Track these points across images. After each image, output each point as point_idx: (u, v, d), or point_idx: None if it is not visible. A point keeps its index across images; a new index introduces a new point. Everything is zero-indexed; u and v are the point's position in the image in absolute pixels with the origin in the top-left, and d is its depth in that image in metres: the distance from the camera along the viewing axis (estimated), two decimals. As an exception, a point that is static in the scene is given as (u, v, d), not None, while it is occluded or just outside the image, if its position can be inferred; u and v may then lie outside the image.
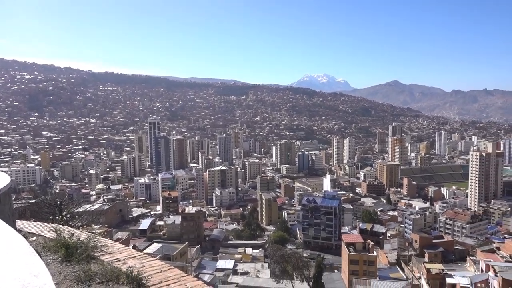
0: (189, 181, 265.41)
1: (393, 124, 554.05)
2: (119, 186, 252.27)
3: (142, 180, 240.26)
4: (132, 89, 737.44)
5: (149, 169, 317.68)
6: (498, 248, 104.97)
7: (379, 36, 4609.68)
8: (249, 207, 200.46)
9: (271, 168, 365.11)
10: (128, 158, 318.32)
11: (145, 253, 8.83)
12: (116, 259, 8.13)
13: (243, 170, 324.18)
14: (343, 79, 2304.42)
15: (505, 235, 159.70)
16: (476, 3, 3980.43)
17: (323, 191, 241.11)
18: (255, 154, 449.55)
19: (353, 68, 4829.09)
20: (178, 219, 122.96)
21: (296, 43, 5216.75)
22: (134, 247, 60.20)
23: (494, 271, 53.79)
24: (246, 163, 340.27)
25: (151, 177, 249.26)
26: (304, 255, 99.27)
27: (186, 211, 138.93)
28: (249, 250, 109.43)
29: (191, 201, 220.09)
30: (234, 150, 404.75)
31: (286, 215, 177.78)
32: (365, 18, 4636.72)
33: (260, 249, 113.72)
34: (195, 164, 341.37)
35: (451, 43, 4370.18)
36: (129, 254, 8.46)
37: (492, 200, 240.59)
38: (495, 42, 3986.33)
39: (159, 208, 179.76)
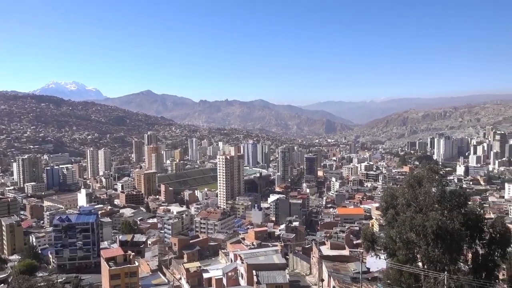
0: None
1: (149, 133, 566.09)
2: None
3: None
4: None
5: None
6: (244, 238, 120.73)
7: (129, 45, 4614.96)
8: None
9: (12, 188, 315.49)
10: None
11: None
12: None
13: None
14: (94, 88, 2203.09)
15: (248, 226, 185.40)
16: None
17: (78, 207, 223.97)
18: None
19: (105, 76, 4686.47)
20: None
21: (40, 46, 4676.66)
22: None
23: (241, 258, 61.21)
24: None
25: None
26: (59, 280, 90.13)
27: None
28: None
29: None
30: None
31: (34, 239, 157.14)
32: (110, 24, 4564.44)
33: (2, 284, 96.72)
34: None
35: (192, 55, 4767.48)
36: None
37: (237, 197, 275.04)
38: (229, 57, 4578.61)
39: None
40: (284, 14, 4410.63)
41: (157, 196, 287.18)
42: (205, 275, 70.64)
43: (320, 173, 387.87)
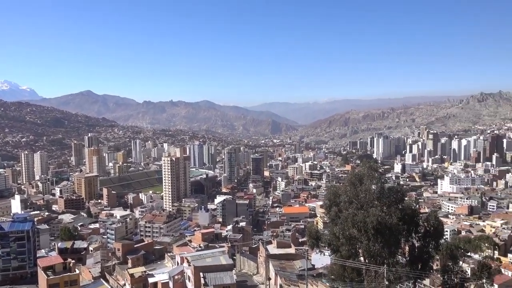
0: None
1: (89, 135, 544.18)
2: None
3: None
4: None
5: None
6: (190, 241, 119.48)
7: (67, 42, 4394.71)
8: None
9: None
10: None
11: None
12: None
13: None
14: (29, 87, 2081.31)
15: (195, 228, 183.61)
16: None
17: (11, 214, 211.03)
18: None
19: (41, 76, 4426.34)
20: None
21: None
22: None
23: (188, 261, 60.47)
24: None
25: None
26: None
27: None
28: None
29: None
30: None
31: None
32: (45, 20, 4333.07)
33: None
34: None
35: (135, 55, 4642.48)
36: None
37: (183, 199, 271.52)
38: (173, 57, 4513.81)
39: None
40: (227, 16, 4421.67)
41: (99, 200, 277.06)
42: (151, 280, 69.04)
43: (266, 173, 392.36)
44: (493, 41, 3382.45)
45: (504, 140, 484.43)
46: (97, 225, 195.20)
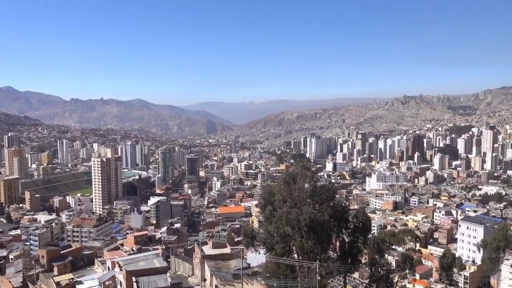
0: None
1: (9, 134, 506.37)
2: None
3: None
4: None
5: None
6: (122, 244, 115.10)
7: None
8: None
9: None
10: None
11: None
12: None
13: None
14: None
15: (127, 231, 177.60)
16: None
17: None
18: None
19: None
20: None
21: None
22: None
23: (119, 266, 58.19)
24: None
25: None
26: None
27: None
28: None
29: None
30: None
31: None
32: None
33: None
34: None
35: (61, 49, 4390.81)
36: None
37: (114, 201, 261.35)
38: (103, 53, 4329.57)
39: None
40: (162, 14, 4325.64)
41: (21, 205, 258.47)
42: (79, 287, 65.65)
43: (201, 173, 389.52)
44: (415, 47, 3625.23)
45: (425, 140, 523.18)
46: (18, 231, 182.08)
